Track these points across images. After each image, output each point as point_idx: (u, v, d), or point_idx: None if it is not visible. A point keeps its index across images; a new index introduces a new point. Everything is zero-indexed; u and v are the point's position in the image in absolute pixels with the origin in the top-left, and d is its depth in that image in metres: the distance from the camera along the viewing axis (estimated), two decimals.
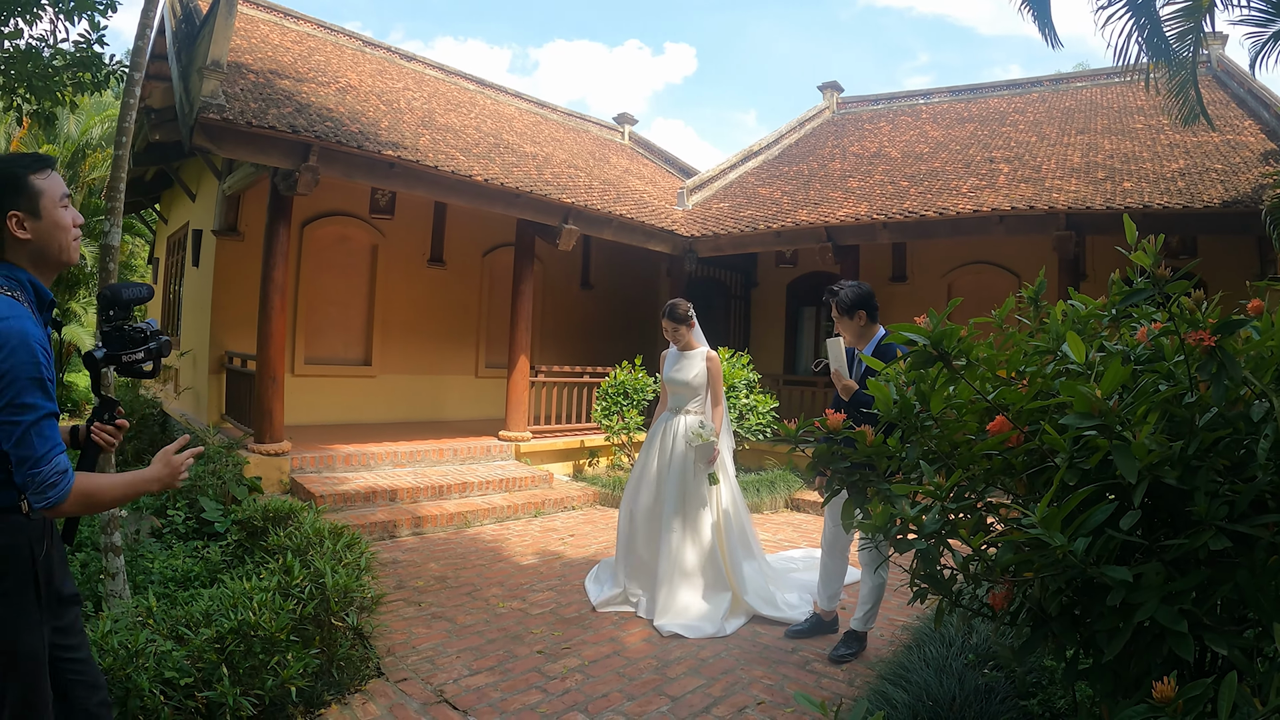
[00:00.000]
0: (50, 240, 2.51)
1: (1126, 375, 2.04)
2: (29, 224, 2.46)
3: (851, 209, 13.02)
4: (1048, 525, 1.74)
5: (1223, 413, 1.92)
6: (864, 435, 2.56)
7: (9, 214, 2.43)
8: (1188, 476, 1.89)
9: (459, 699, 4.61)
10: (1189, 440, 1.92)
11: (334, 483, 9.34)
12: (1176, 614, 1.73)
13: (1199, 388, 1.96)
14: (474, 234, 15.01)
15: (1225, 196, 9.85)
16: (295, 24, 15.50)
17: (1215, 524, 1.78)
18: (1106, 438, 1.88)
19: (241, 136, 8.76)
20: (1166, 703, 1.52)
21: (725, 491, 6.56)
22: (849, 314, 5.55)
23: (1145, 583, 1.78)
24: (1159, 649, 1.79)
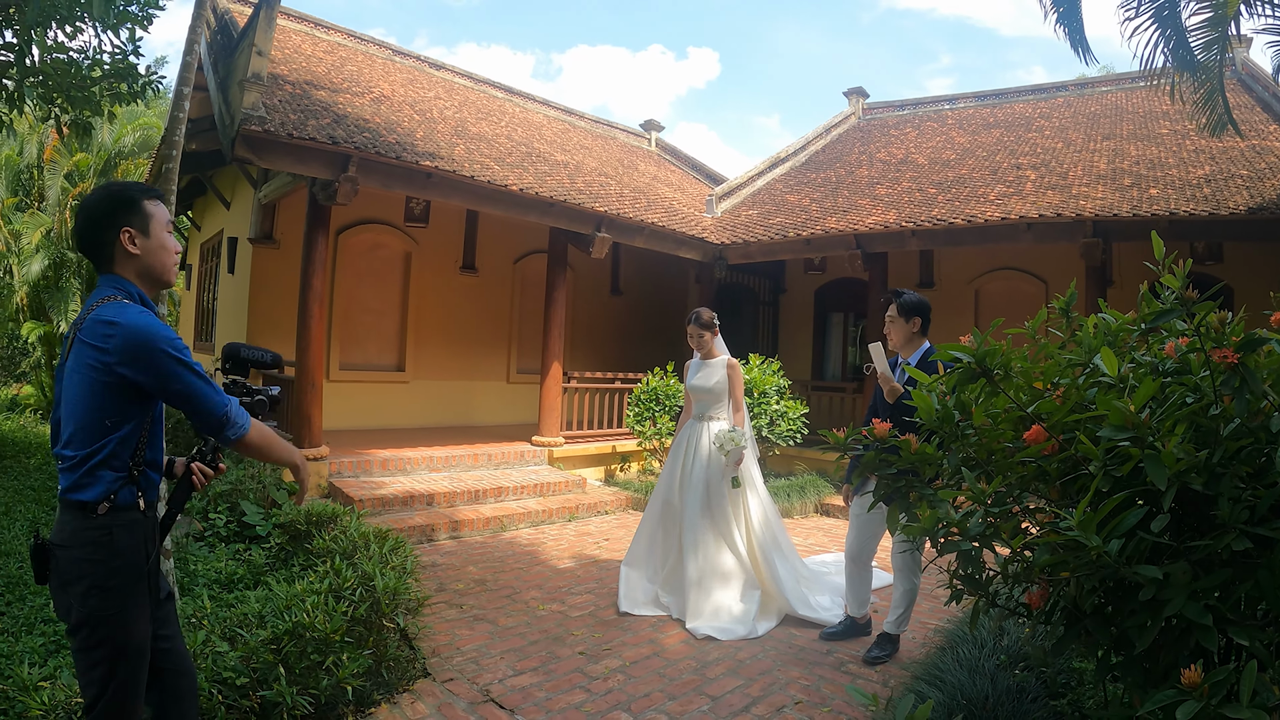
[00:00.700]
0: (156, 258, 2.79)
1: (1156, 389, 2.18)
2: (139, 241, 2.73)
3: (880, 216, 13.11)
4: (1085, 528, 1.88)
5: (1245, 424, 2.06)
6: (908, 443, 2.71)
7: (123, 229, 2.70)
8: (1212, 483, 2.02)
9: (505, 698, 4.76)
10: (1214, 449, 2.06)
11: (371, 487, 9.52)
12: (1202, 609, 1.87)
13: (1223, 400, 2.10)
14: (505, 241, 15.20)
15: (1251, 203, 9.88)
16: (326, 34, 15.71)
17: (1237, 527, 1.93)
18: (1139, 448, 2.02)
19: (283, 148, 8.95)
20: (1193, 687, 1.67)
21: (752, 495, 6.70)
22: (907, 317, 5.65)
23: (1173, 581, 1.92)
24: (1185, 642, 1.93)
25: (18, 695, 3.70)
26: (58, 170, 18.78)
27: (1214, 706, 1.65)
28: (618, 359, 16.84)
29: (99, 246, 2.73)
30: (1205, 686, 1.66)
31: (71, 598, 2.58)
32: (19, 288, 18.30)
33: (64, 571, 2.59)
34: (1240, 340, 2.01)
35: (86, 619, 2.57)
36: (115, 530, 2.60)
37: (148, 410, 2.68)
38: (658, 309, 18.52)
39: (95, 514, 2.57)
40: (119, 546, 2.60)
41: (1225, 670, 1.71)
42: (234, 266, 13.45)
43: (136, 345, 2.53)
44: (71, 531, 2.59)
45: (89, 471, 2.58)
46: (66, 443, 2.62)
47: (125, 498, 2.62)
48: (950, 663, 4.65)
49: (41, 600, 6.19)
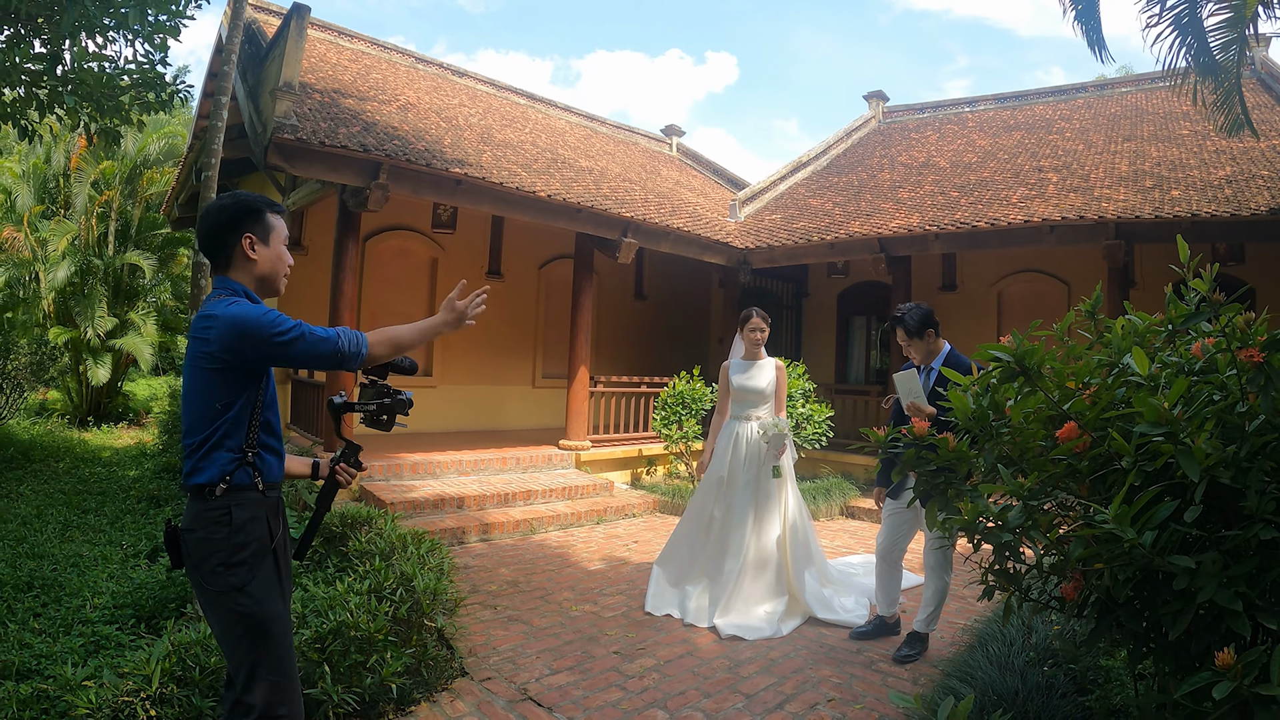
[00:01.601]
0: (271, 267, 2.96)
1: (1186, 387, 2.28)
2: (259, 248, 2.90)
3: (903, 220, 13.17)
4: (1120, 521, 1.97)
5: (1270, 420, 2.15)
6: (945, 442, 2.80)
7: (246, 234, 2.88)
8: (1240, 476, 2.12)
9: (542, 696, 4.85)
10: (1240, 445, 2.15)
11: (402, 490, 9.64)
12: (1233, 596, 1.96)
13: (1249, 398, 2.18)
14: (530, 247, 15.33)
15: (1272, 204, 9.91)
16: (350, 42, 15.87)
17: (1264, 517, 2.02)
18: (1172, 443, 2.11)
19: (315, 156, 9.09)
20: (1227, 668, 1.76)
21: (791, 498, 6.78)
22: (919, 335, 5.72)
23: (1204, 570, 2.01)
24: (1216, 629, 2.02)
25: (61, 694, 3.78)
26: (84, 178, 18.96)
27: (1247, 686, 1.75)
28: (642, 363, 16.95)
29: (220, 249, 2.89)
30: (1239, 667, 1.75)
31: (202, 577, 2.73)
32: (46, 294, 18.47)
33: (193, 554, 2.75)
34: (1266, 340, 2.10)
35: (218, 596, 2.72)
36: (234, 509, 2.74)
37: (255, 389, 2.82)
38: (681, 313, 18.63)
39: (213, 495, 2.72)
40: (239, 523, 2.74)
41: (1257, 651, 1.80)
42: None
43: (234, 334, 2.67)
44: (195, 514, 2.75)
45: (205, 455, 2.74)
46: (187, 431, 2.79)
47: (241, 478, 2.77)
48: (980, 660, 4.73)
49: (78, 602, 6.33)
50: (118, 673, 3.93)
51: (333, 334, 2.76)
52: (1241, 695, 1.77)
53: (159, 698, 3.77)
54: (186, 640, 4.09)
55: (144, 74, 7.84)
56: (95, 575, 7.11)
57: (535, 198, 10.97)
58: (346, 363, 2.77)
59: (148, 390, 24.44)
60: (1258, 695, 1.74)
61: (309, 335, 2.72)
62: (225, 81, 6.33)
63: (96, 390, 19.62)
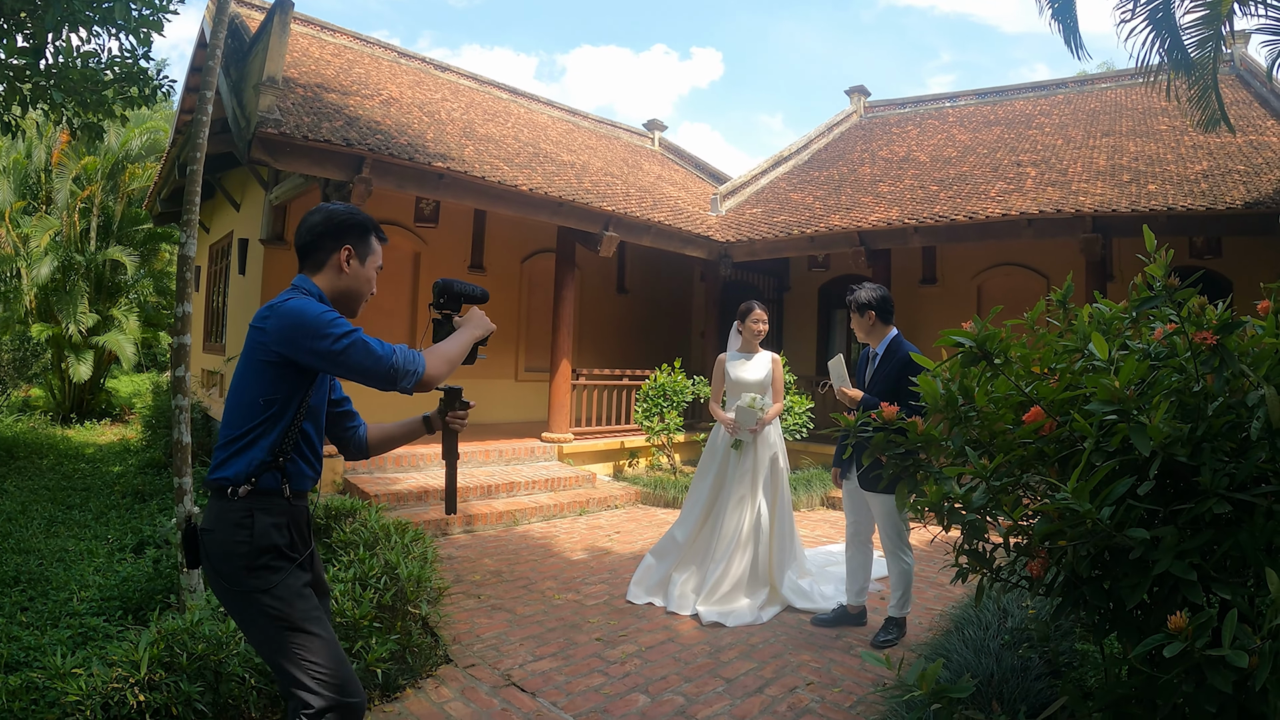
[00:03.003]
0: (356, 286, 2.95)
1: (1144, 369, 2.36)
2: (353, 264, 2.91)
3: (883, 213, 13.26)
4: (1078, 495, 2.05)
5: (1226, 400, 2.23)
6: (915, 425, 2.88)
7: (346, 246, 2.89)
8: (1195, 454, 2.20)
9: (526, 682, 4.92)
10: (1197, 424, 2.24)
11: (386, 483, 9.69)
12: (1187, 567, 2.04)
13: (1205, 380, 2.27)
14: (512, 241, 15.35)
15: (1247, 198, 10.04)
16: (332, 36, 15.86)
17: (1218, 493, 2.10)
18: (1125, 421, 2.20)
19: (298, 150, 9.11)
20: (1179, 631, 1.85)
21: (784, 490, 6.87)
22: (860, 313, 5.91)
23: (1162, 543, 2.10)
24: (1173, 599, 2.11)
25: (50, 683, 3.78)
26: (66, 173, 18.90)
27: (1199, 649, 1.83)
28: (624, 356, 16.99)
29: (315, 250, 2.88)
30: (1190, 629, 1.84)
31: (223, 579, 2.67)
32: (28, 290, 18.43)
33: (212, 554, 2.69)
34: (1219, 324, 2.18)
35: (244, 596, 2.66)
36: (257, 513, 2.68)
37: (303, 392, 2.78)
38: (663, 307, 18.69)
39: (236, 496, 2.67)
40: (261, 527, 2.68)
41: (1208, 614, 1.89)
42: (245, 268, 13.59)
43: (289, 325, 2.62)
44: (216, 515, 2.70)
45: (236, 451, 2.70)
46: (226, 424, 2.75)
47: (268, 483, 2.71)
48: (956, 643, 4.82)
49: (65, 595, 6.38)
50: (106, 661, 3.96)
51: (389, 349, 2.66)
52: (1193, 658, 1.85)
53: (147, 683, 3.80)
54: (174, 628, 4.12)
55: (127, 68, 7.82)
56: (82, 569, 7.15)
57: (517, 192, 11.02)
58: (401, 380, 2.66)
59: (130, 387, 24.39)
60: (1208, 658, 1.82)
61: (363, 343, 2.62)
62: (210, 76, 6.34)
63: (79, 387, 19.59)
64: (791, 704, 4.75)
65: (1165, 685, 2.03)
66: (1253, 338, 2.37)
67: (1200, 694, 1.92)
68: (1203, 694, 1.91)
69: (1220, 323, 2.18)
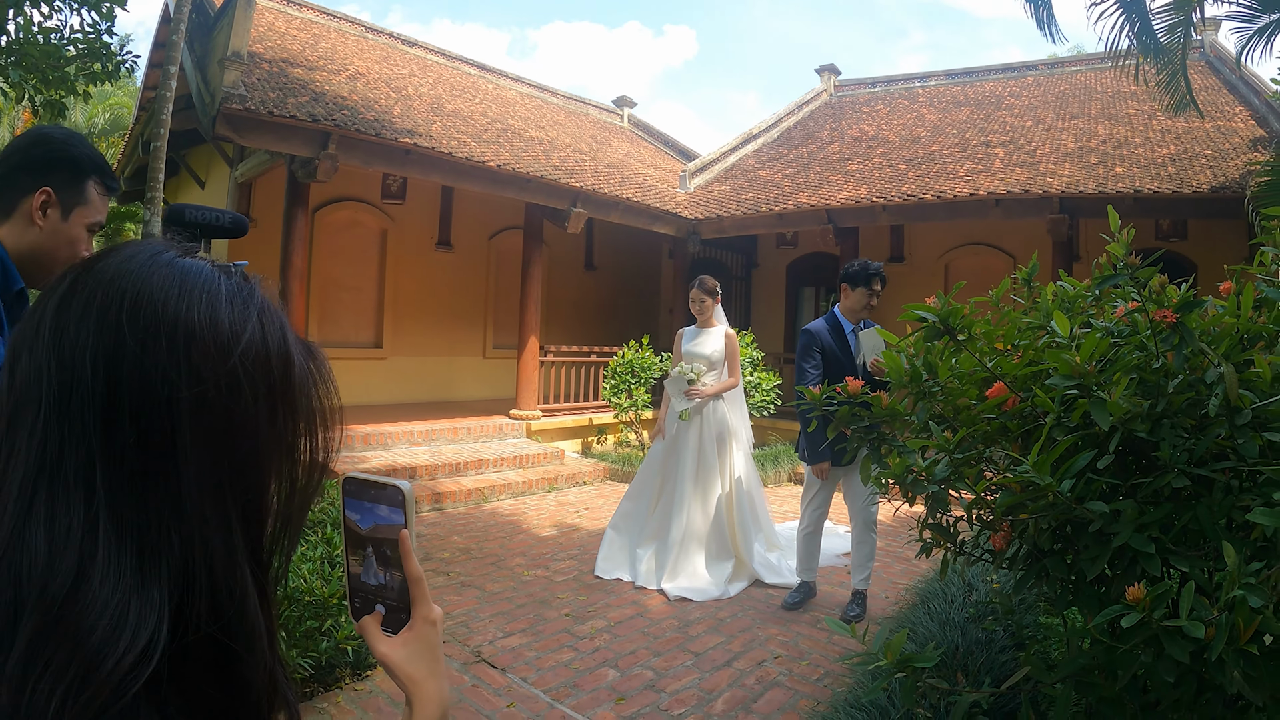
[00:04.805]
0: (53, 245, 2.18)
1: (1105, 346, 2.40)
2: (51, 214, 2.15)
3: (851, 192, 13.31)
4: (1039, 469, 2.09)
5: (1186, 378, 2.27)
6: (879, 399, 2.91)
7: (44, 189, 2.13)
8: (1155, 430, 2.24)
9: (496, 658, 4.95)
10: (1157, 400, 2.28)
11: (354, 461, 9.65)
12: (1146, 540, 2.08)
13: (1165, 357, 2.31)
14: (480, 218, 15.30)
15: (1214, 182, 10.16)
16: (299, 11, 15.68)
17: (1177, 467, 2.14)
18: (1085, 396, 2.23)
19: (264, 126, 9.04)
20: (1136, 602, 1.88)
21: (741, 464, 6.89)
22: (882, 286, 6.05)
23: (1121, 516, 2.14)
24: (1133, 572, 2.15)
25: None
26: None
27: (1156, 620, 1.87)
28: (592, 333, 16.98)
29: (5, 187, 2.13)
30: (1147, 600, 1.87)
31: None
32: None
33: None
34: (1179, 302, 2.22)
35: None
36: None
37: None
38: (631, 284, 18.69)
39: None
40: None
41: (1165, 585, 1.93)
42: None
43: None
44: None
45: None
46: None
47: None
48: (922, 617, 4.89)
49: None
50: None
51: None
52: (1151, 629, 1.89)
53: None
54: None
55: (90, 44, 7.70)
56: None
57: (485, 168, 10.99)
58: None
59: None
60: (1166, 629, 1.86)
61: None
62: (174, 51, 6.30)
63: None
64: (760, 677, 4.81)
65: (1124, 655, 2.07)
66: (1213, 316, 2.41)
67: (1159, 663, 1.96)
68: (1161, 663, 1.95)
69: (1180, 301, 2.22)
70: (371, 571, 0.99)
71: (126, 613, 0.66)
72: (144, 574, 0.69)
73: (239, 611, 0.74)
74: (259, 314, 0.80)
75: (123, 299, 0.74)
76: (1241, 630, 1.79)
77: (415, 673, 0.96)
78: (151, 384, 0.72)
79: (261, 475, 0.80)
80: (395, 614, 0.98)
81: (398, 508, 0.96)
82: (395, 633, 0.97)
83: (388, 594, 0.98)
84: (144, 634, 0.66)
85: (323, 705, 4.30)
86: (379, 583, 0.98)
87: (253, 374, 0.76)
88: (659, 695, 4.56)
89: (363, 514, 0.98)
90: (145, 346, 0.72)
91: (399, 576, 0.97)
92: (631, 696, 4.53)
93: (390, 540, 0.96)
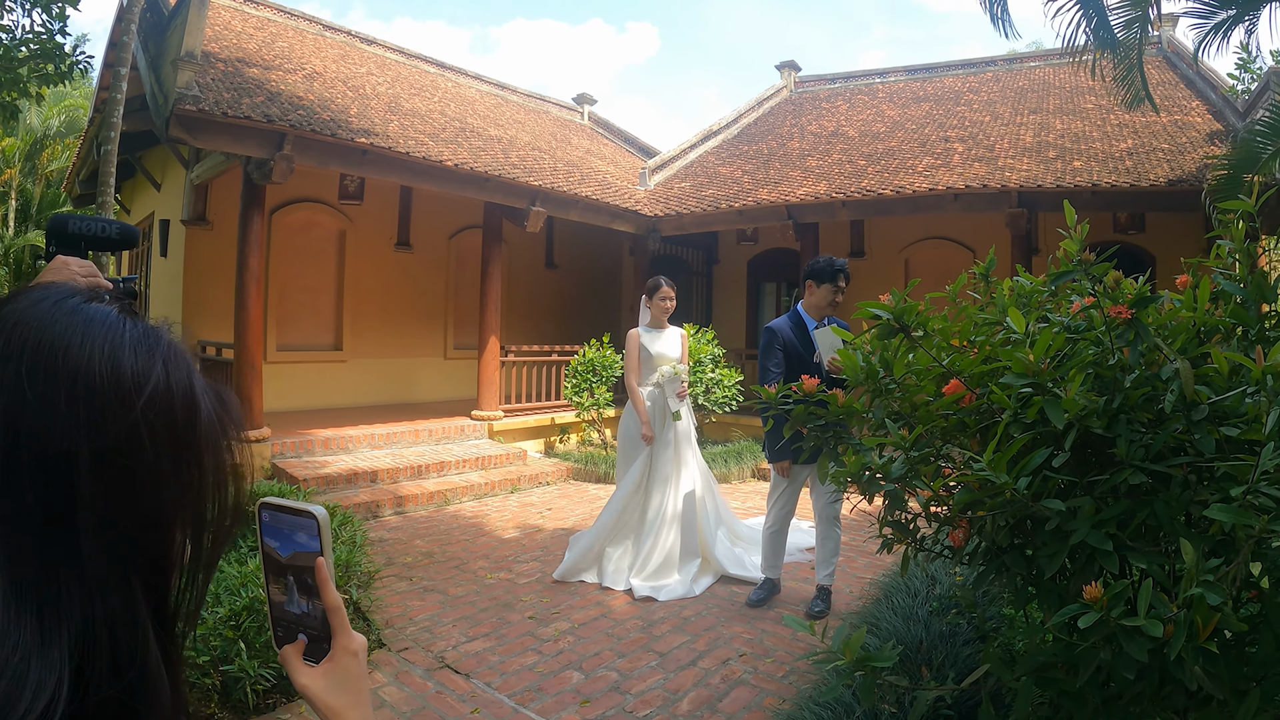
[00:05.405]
0: None
1: (1060, 342, 2.40)
2: None
3: (811, 188, 13.34)
4: (995, 467, 2.08)
5: (1142, 373, 2.27)
6: (835, 398, 2.90)
7: None
8: (1112, 425, 2.24)
9: (460, 664, 4.91)
10: (1113, 396, 2.28)
11: (315, 466, 9.57)
12: (1103, 537, 2.08)
13: (1121, 352, 2.31)
14: (440, 217, 15.21)
15: (1171, 176, 10.28)
16: (256, 9, 15.49)
17: (1133, 464, 2.14)
18: (1040, 394, 2.23)
19: (217, 127, 8.91)
20: (1094, 601, 1.88)
21: (694, 460, 6.89)
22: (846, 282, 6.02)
23: (1080, 514, 2.13)
24: (1091, 569, 2.15)
25: None
26: None
27: (1114, 619, 1.87)
28: (554, 332, 16.92)
29: None
30: (1104, 599, 1.87)
31: None
32: None
33: None
34: (1134, 298, 2.22)
35: None
36: None
37: None
38: (592, 282, 18.66)
39: None
40: None
41: (1123, 584, 1.93)
42: (166, 249, 13.28)
43: None
44: None
45: None
46: None
47: None
48: (886, 611, 4.90)
49: None
50: None
51: None
52: (1109, 627, 1.89)
53: None
54: None
55: (43, 45, 7.59)
56: None
57: (442, 167, 10.92)
58: None
59: None
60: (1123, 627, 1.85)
61: None
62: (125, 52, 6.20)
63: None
64: (725, 675, 4.80)
65: (1085, 652, 2.07)
66: (1170, 311, 2.42)
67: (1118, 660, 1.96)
68: (1121, 660, 1.95)
69: (1135, 297, 2.21)
70: (294, 600, 0.96)
71: (26, 674, 0.64)
72: (44, 634, 0.67)
73: (141, 672, 0.72)
74: (164, 361, 0.77)
75: (23, 349, 0.72)
76: (1200, 628, 1.79)
77: (336, 704, 0.95)
78: (51, 438, 0.69)
79: (166, 530, 0.78)
80: (318, 643, 0.96)
81: (315, 535, 0.93)
82: (318, 662, 0.95)
83: (310, 623, 0.96)
84: (44, 696, 0.64)
85: (285, 716, 4.25)
86: (301, 611, 0.96)
87: (155, 425, 0.74)
88: (624, 697, 4.54)
89: (281, 541, 0.95)
90: (45, 399, 0.70)
91: (320, 605, 0.94)
92: (596, 699, 4.51)
93: (309, 568, 0.94)
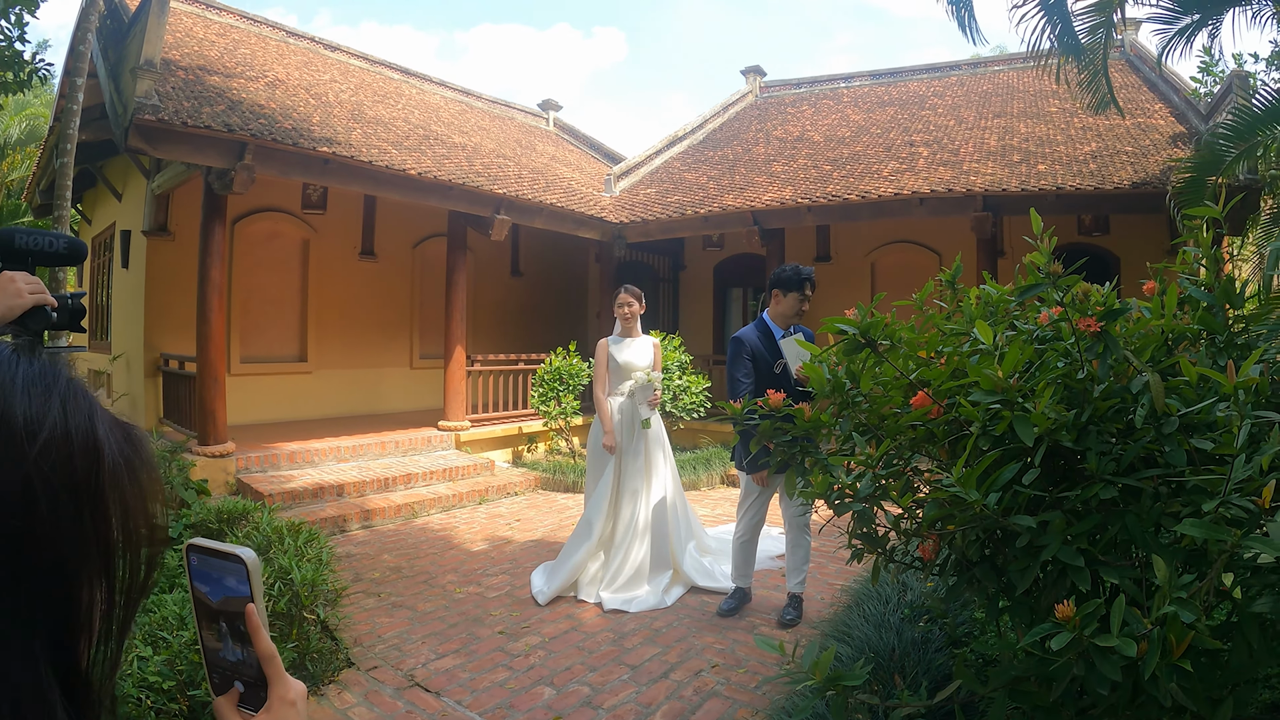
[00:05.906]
0: None
1: (1030, 354, 2.38)
2: None
3: (776, 193, 13.35)
4: (964, 483, 2.06)
5: (1111, 385, 2.26)
6: (802, 412, 2.86)
7: None
8: (1081, 439, 2.22)
9: (430, 681, 4.85)
10: (1083, 409, 2.26)
11: (281, 481, 9.47)
12: (1075, 552, 2.06)
13: (1090, 365, 2.29)
14: (404, 226, 15.12)
15: (1135, 178, 10.36)
16: (218, 15, 15.32)
17: (1104, 478, 2.12)
18: (1009, 410, 2.21)
19: (177, 137, 8.79)
20: (1066, 620, 1.85)
21: (668, 470, 6.85)
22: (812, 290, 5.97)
23: (1050, 529, 2.11)
24: (1063, 583, 2.13)
25: None
26: None
27: (1087, 637, 1.84)
28: (520, 340, 16.85)
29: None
30: (1077, 618, 1.85)
31: None
32: None
33: None
34: (1103, 310, 2.20)
35: None
36: None
37: None
38: (558, 289, 18.62)
39: None
40: None
41: (1095, 603, 1.90)
42: (128, 261, 13.11)
43: None
44: None
45: None
46: None
47: None
48: (857, 619, 4.88)
49: None
50: None
51: None
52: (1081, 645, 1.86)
53: None
54: None
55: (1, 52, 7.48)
56: None
57: (406, 176, 10.83)
58: None
59: None
60: (1096, 646, 1.83)
61: None
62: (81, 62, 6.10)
63: None
64: (697, 688, 4.76)
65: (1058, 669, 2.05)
66: (1138, 321, 2.40)
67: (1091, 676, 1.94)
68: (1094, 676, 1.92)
69: (1104, 310, 2.20)
70: (229, 647, 0.91)
71: None
72: None
73: None
74: (62, 402, 0.71)
75: None
76: (1174, 646, 1.77)
77: None
78: None
79: (70, 589, 0.71)
80: (254, 690, 0.91)
81: (244, 579, 0.88)
82: (256, 711, 0.90)
83: (246, 670, 0.91)
84: None
85: None
86: (236, 659, 0.91)
87: (50, 476, 0.67)
88: (596, 712, 4.50)
89: (211, 585, 0.90)
90: None
91: (254, 653, 0.90)
92: (568, 715, 4.46)
93: (241, 614, 0.89)
